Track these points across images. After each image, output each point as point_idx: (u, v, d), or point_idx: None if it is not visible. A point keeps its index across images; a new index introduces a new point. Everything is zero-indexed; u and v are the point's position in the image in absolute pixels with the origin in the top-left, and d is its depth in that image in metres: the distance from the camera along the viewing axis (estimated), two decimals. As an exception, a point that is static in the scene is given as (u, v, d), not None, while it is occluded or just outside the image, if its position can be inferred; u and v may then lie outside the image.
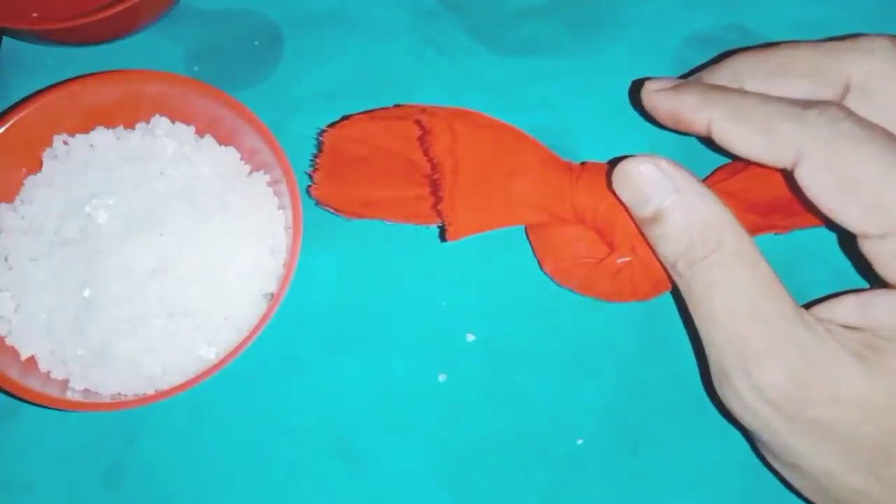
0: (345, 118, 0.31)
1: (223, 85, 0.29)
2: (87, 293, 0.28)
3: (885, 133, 0.24)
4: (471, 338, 0.31)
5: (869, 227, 0.24)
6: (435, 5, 0.35)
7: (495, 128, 0.29)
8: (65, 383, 0.28)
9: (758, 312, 0.24)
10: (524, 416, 0.30)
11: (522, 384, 0.30)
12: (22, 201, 0.29)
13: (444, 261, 0.31)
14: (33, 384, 0.27)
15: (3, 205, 0.29)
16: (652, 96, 0.28)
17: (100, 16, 0.29)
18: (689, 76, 0.30)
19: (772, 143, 0.25)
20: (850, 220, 0.24)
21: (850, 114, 0.24)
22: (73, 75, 0.30)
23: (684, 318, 0.30)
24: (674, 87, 0.27)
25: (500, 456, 0.30)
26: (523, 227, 0.30)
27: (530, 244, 0.30)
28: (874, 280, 0.26)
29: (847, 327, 0.25)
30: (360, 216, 0.30)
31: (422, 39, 0.34)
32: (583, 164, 0.29)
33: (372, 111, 0.31)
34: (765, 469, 0.28)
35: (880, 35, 0.26)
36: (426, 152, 0.29)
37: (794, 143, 0.24)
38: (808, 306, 0.26)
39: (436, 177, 0.28)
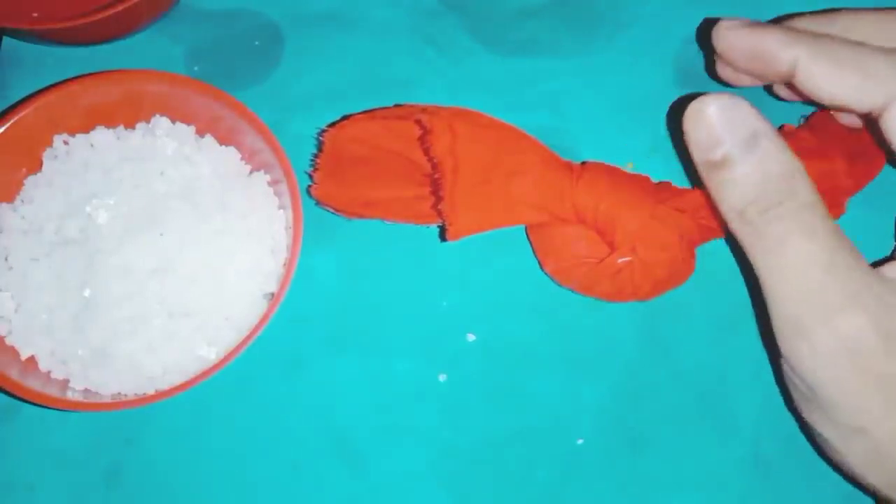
0: (345, 118, 0.31)
1: (223, 85, 0.29)
2: (87, 293, 0.28)
3: None
4: (471, 338, 0.31)
5: None
6: (435, 5, 0.35)
7: (496, 127, 0.29)
8: (65, 383, 0.28)
9: (835, 262, 0.23)
10: (524, 416, 0.30)
11: (523, 384, 0.30)
12: (22, 201, 0.29)
13: (445, 261, 0.31)
14: (33, 384, 0.27)
15: (4, 205, 0.29)
16: (729, 33, 0.26)
17: (100, 16, 0.29)
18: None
19: (863, 84, 0.24)
20: None
21: None
22: (73, 75, 0.30)
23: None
24: (753, 24, 0.26)
25: (500, 456, 0.30)
26: (523, 227, 0.30)
27: (530, 244, 0.30)
28: None
29: None
30: (361, 216, 0.30)
31: (422, 39, 0.34)
32: (583, 163, 0.29)
33: (372, 111, 0.31)
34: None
35: None
36: (426, 152, 0.29)
37: (888, 85, 0.23)
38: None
39: (436, 176, 0.28)
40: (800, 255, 0.23)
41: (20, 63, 0.34)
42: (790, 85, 0.26)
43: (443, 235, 0.29)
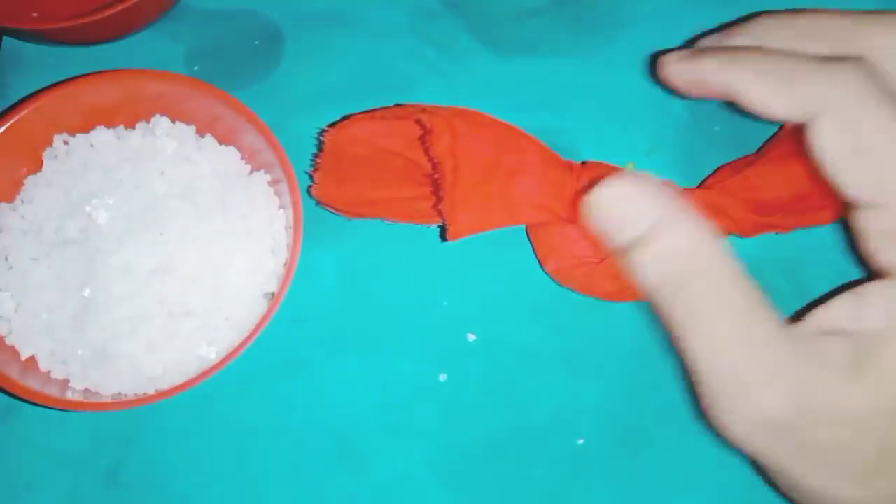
0: (345, 118, 0.31)
1: (223, 84, 0.29)
2: (87, 293, 0.28)
3: None
4: (471, 337, 0.31)
5: (866, 193, 0.23)
6: (435, 5, 0.35)
7: (496, 127, 0.29)
8: (65, 383, 0.28)
9: (748, 338, 0.23)
10: (524, 416, 0.30)
11: (523, 384, 0.30)
12: (22, 201, 0.29)
13: (445, 260, 0.31)
14: (33, 384, 0.27)
15: (4, 204, 0.29)
16: (669, 67, 0.27)
17: (100, 16, 0.29)
18: (712, 33, 0.30)
19: (790, 97, 0.24)
20: (850, 183, 0.23)
21: (876, 73, 0.23)
22: (73, 75, 0.30)
23: (668, 345, 0.30)
24: (690, 55, 0.27)
25: (500, 456, 0.30)
26: (524, 226, 0.30)
27: (531, 244, 0.30)
28: (867, 269, 0.25)
29: (841, 333, 0.24)
30: (361, 216, 0.30)
31: (422, 39, 0.34)
32: (583, 163, 0.29)
33: (372, 111, 0.31)
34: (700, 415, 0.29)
35: (855, 63, 0.25)
36: (427, 152, 0.29)
37: (815, 97, 0.23)
38: (807, 308, 0.26)
39: (436, 176, 0.28)
40: (714, 333, 0.23)
41: (20, 63, 0.34)
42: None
43: (443, 235, 0.29)
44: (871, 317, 0.23)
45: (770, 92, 0.24)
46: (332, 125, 0.30)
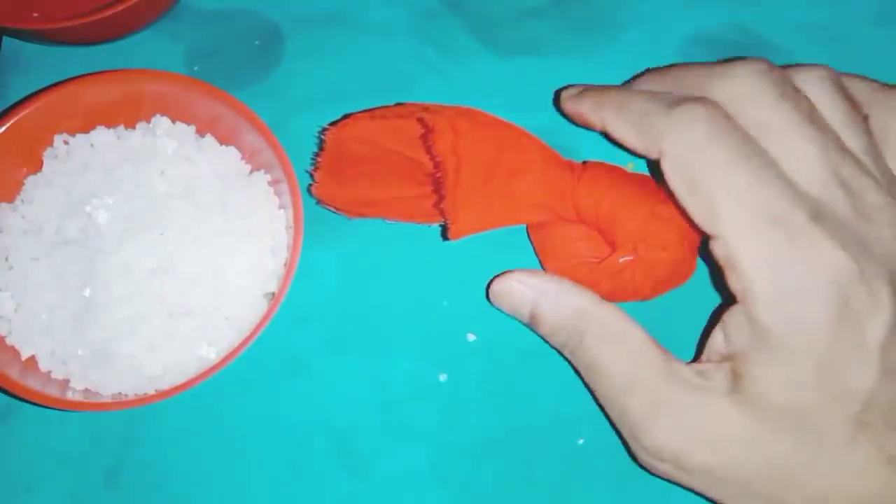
0: (346, 117, 0.31)
1: (223, 84, 0.29)
2: (87, 293, 0.28)
3: (742, 138, 0.24)
4: (472, 337, 0.31)
5: (706, 228, 0.25)
6: (435, 5, 0.35)
7: (497, 126, 0.29)
8: (65, 383, 0.28)
9: (631, 382, 0.26)
10: (525, 416, 0.30)
11: (523, 384, 0.30)
12: (22, 201, 0.29)
13: (446, 260, 0.31)
14: (33, 384, 0.27)
15: (4, 204, 0.29)
16: (562, 102, 0.30)
17: (100, 16, 0.29)
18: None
19: (643, 137, 0.26)
20: (694, 217, 0.25)
21: (713, 114, 0.25)
22: (73, 75, 0.30)
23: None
24: (578, 93, 0.29)
25: (501, 456, 0.30)
26: (524, 226, 0.30)
27: (532, 244, 0.30)
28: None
29: (720, 358, 0.26)
30: (362, 215, 0.30)
31: (422, 39, 0.34)
32: (584, 163, 0.29)
33: (373, 109, 0.31)
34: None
35: (756, 60, 0.26)
36: (428, 151, 0.29)
37: (658, 138, 0.25)
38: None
39: (438, 175, 0.28)
40: (604, 382, 0.27)
41: (20, 63, 0.34)
42: None
43: (444, 234, 0.29)
44: (736, 340, 0.25)
45: (628, 132, 0.26)
46: (333, 124, 0.30)
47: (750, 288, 0.24)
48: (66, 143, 0.30)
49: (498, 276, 0.29)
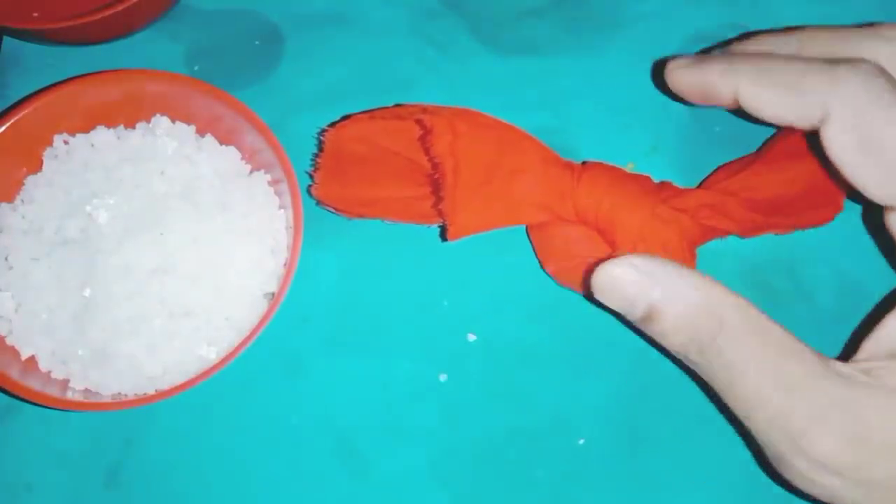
0: (345, 118, 0.31)
1: (223, 84, 0.29)
2: (87, 293, 0.28)
3: None
4: (472, 337, 0.31)
5: (887, 194, 0.22)
6: (435, 5, 0.35)
7: (497, 127, 0.29)
8: (65, 383, 0.28)
9: (788, 382, 0.22)
10: (525, 416, 0.30)
11: (523, 384, 0.30)
12: (22, 201, 0.29)
13: (445, 260, 0.31)
14: (33, 384, 0.27)
15: (4, 204, 0.29)
16: (675, 73, 0.27)
17: (100, 16, 0.29)
18: (712, 49, 0.30)
19: (799, 101, 0.23)
20: (871, 186, 0.23)
21: (883, 72, 0.23)
22: (73, 75, 0.30)
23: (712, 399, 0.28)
24: (696, 61, 0.26)
25: (501, 456, 0.30)
26: (524, 226, 0.30)
27: (531, 244, 0.30)
28: None
29: (890, 357, 0.23)
30: (361, 216, 0.30)
31: (422, 39, 0.34)
32: (584, 163, 0.29)
33: (372, 111, 0.31)
34: (764, 469, 0.28)
35: (889, 24, 0.25)
36: (427, 152, 0.29)
37: (822, 100, 0.23)
38: (859, 332, 0.24)
39: (437, 176, 0.28)
40: (751, 384, 0.22)
41: (20, 63, 0.34)
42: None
43: (444, 235, 0.29)
44: None
45: (777, 97, 0.24)
46: (333, 125, 0.30)
47: None
48: (66, 143, 0.30)
49: (600, 263, 0.24)
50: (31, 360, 0.28)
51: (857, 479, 0.22)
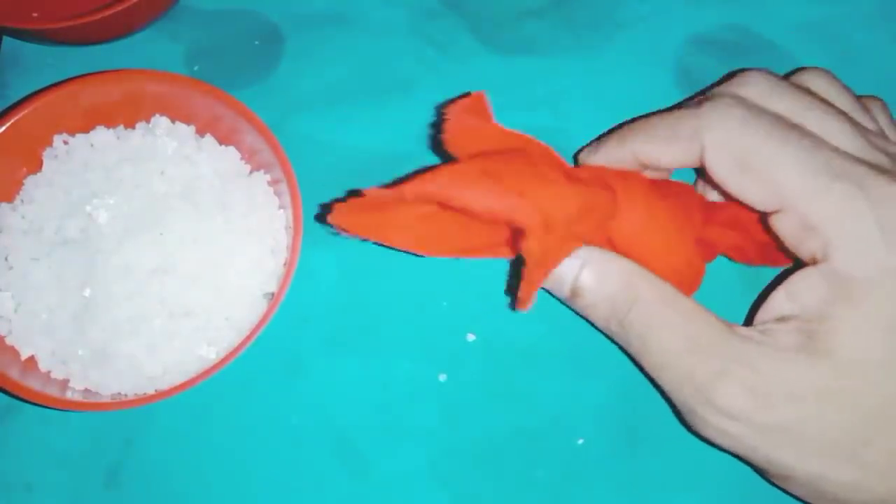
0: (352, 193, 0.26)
1: (223, 84, 0.29)
2: (87, 293, 0.28)
3: (775, 117, 0.25)
4: (471, 337, 0.31)
5: (767, 203, 0.25)
6: (435, 5, 0.35)
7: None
8: (65, 383, 0.28)
9: (694, 344, 0.25)
10: (524, 416, 0.30)
11: (523, 384, 0.30)
12: (22, 201, 0.29)
13: (446, 260, 0.31)
14: (33, 384, 0.27)
15: (4, 204, 0.29)
16: (583, 160, 0.30)
17: (100, 16, 0.29)
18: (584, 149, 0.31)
19: (679, 145, 0.26)
20: (751, 198, 0.25)
21: (741, 101, 0.26)
22: (73, 75, 0.30)
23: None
24: (595, 144, 0.29)
25: (500, 456, 0.30)
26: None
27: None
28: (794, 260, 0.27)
29: (783, 319, 0.25)
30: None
31: (422, 39, 0.34)
32: (623, 174, 0.29)
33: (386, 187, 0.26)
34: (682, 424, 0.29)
35: (757, 69, 0.27)
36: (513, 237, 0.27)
37: (695, 136, 0.26)
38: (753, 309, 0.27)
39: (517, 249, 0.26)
40: (663, 348, 0.26)
41: (20, 63, 0.34)
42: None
43: (513, 304, 0.28)
44: (806, 299, 0.25)
45: (662, 145, 0.27)
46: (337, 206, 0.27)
47: (831, 242, 0.24)
48: (66, 143, 0.30)
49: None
50: (31, 360, 0.28)
51: (757, 425, 0.24)
